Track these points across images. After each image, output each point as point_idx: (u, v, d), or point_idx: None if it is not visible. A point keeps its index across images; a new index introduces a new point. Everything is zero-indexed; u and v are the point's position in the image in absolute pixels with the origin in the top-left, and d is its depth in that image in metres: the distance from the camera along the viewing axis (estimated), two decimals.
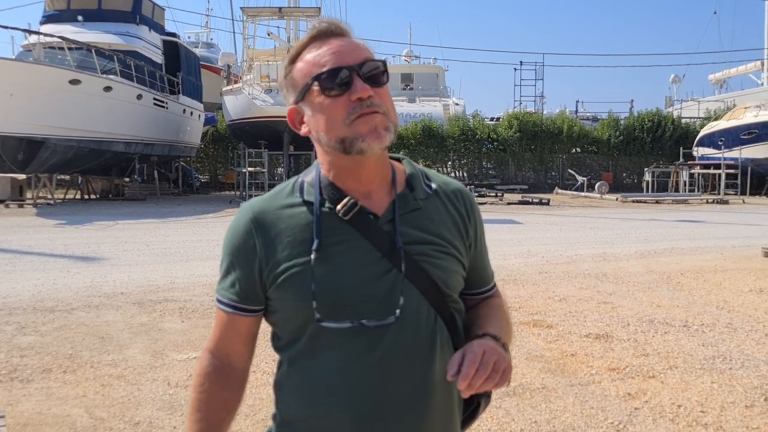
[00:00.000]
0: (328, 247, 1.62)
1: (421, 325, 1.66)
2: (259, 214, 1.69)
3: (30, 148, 22.31)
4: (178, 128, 31.72)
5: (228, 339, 1.75)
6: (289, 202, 1.69)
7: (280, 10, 29.88)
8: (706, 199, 30.00)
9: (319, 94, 1.62)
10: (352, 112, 1.59)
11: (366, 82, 1.60)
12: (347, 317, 1.61)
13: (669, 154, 37.50)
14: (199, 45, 55.34)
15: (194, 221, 20.10)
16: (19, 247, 13.78)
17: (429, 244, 1.69)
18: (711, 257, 12.90)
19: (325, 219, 1.65)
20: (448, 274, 1.72)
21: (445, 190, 1.80)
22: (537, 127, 37.84)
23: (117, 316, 8.01)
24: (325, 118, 1.62)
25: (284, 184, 1.76)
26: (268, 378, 5.62)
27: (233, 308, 1.71)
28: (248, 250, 1.67)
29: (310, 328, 1.63)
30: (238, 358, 1.76)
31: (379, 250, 1.64)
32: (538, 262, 12.15)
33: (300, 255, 1.62)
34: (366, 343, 1.61)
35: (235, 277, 1.70)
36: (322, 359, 1.64)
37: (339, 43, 1.65)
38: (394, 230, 1.66)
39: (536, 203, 27.08)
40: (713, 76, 56.63)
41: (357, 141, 1.59)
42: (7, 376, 5.88)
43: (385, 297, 1.63)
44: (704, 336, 7.30)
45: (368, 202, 1.68)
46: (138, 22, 29.77)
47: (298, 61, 1.68)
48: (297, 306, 1.63)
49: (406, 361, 1.64)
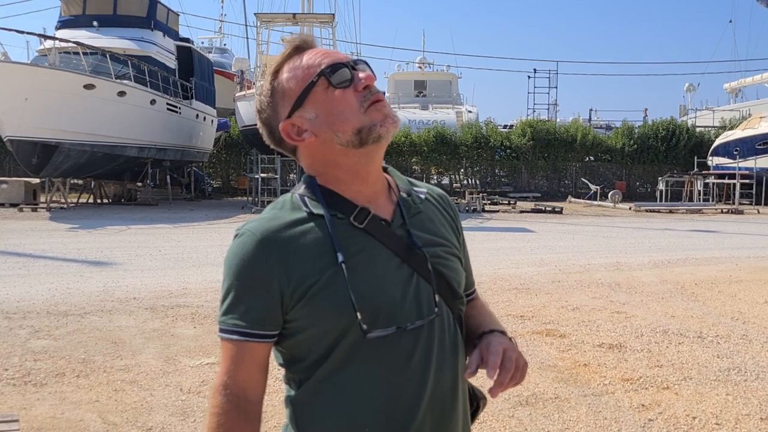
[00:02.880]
0: (350, 257, 1.59)
1: (446, 327, 1.68)
2: (269, 234, 1.61)
3: (44, 153, 22.40)
4: (191, 133, 31.80)
5: (243, 369, 1.63)
6: (296, 218, 1.63)
7: (294, 17, 29.90)
8: (720, 209, 29.83)
9: (326, 88, 1.62)
10: (364, 100, 1.61)
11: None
12: (390, 323, 1.59)
13: (683, 163, 37.31)
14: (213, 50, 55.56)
15: (206, 227, 20.15)
16: (32, 251, 13.84)
17: (438, 245, 1.71)
18: (726, 267, 12.84)
19: (340, 229, 1.62)
20: (458, 274, 1.75)
21: (432, 194, 1.83)
22: (550, 135, 37.71)
23: (130, 321, 8.03)
24: (340, 111, 1.62)
25: (279, 202, 1.70)
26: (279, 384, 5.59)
27: (247, 336, 1.61)
28: (263, 273, 1.59)
29: (345, 341, 1.59)
30: (256, 389, 1.65)
31: (398, 255, 1.64)
32: (551, 271, 12.11)
33: (326, 268, 1.58)
34: (404, 349, 1.61)
35: (249, 304, 1.60)
36: (360, 371, 1.60)
37: (319, 49, 1.67)
38: (407, 234, 1.67)
39: (549, 211, 26.98)
40: (728, 85, 56.35)
41: (375, 127, 1.60)
42: (21, 380, 5.90)
43: (415, 300, 1.63)
44: (719, 347, 7.26)
45: (374, 208, 1.67)
46: (152, 27, 29.90)
47: (282, 74, 1.67)
48: (333, 319, 1.58)
49: (438, 366, 1.64)
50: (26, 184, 24.97)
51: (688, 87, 55.71)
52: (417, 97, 45.79)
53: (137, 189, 30.00)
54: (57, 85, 21.66)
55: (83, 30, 28.05)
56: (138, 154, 26.87)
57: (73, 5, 29.93)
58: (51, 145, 22.34)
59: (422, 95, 46.43)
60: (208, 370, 6.22)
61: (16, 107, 20.86)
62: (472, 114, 44.40)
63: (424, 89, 47.49)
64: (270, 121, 1.70)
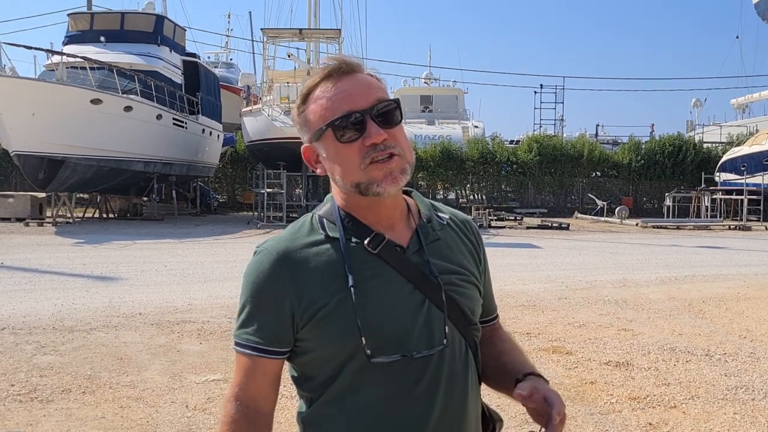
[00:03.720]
0: (362, 281, 1.61)
1: (456, 355, 1.68)
2: (285, 253, 1.65)
3: (51, 167, 22.50)
4: (197, 148, 31.88)
5: (255, 383, 1.67)
6: (313, 240, 1.67)
7: (301, 32, 29.97)
8: (728, 225, 29.74)
9: (334, 140, 1.62)
10: (366, 156, 1.59)
11: (379, 124, 1.60)
12: (396, 350, 1.60)
13: (690, 179, 37.23)
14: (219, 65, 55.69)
15: (212, 242, 20.14)
16: (38, 266, 13.85)
17: (454, 273, 1.71)
18: (733, 285, 12.78)
19: (354, 254, 1.64)
20: (473, 302, 1.74)
21: (455, 220, 1.83)
22: (557, 150, 37.67)
23: (135, 337, 8.02)
24: (340, 163, 1.63)
25: (299, 222, 1.74)
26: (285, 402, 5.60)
27: (259, 351, 1.65)
28: (277, 291, 1.63)
29: (352, 365, 1.61)
30: (266, 402, 1.70)
31: (411, 282, 1.65)
32: (558, 288, 12.08)
33: (336, 292, 1.61)
34: (411, 376, 1.61)
35: (262, 320, 1.64)
36: (366, 395, 1.62)
37: (350, 83, 1.63)
38: (423, 261, 1.68)
39: (556, 227, 26.93)
40: (735, 100, 56.36)
41: (372, 186, 1.60)
42: (27, 396, 5.90)
43: (426, 328, 1.63)
44: (727, 365, 7.22)
45: (391, 234, 1.69)
46: (159, 42, 30.05)
47: (309, 101, 1.67)
48: (341, 343, 1.60)
49: (447, 392, 1.64)
50: (32, 198, 25.04)
51: (695, 102, 55.66)
52: (423, 112, 45.85)
53: (143, 204, 30.04)
54: (64, 100, 21.77)
55: (90, 45, 28.22)
56: (144, 169, 26.95)
57: (80, 21, 30.15)
58: (57, 160, 22.43)
59: (428, 110, 46.49)
60: (213, 387, 6.20)
61: (24, 122, 20.96)
62: (479, 129, 44.38)
63: (431, 104, 47.56)
64: (300, 134, 1.73)
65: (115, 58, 27.13)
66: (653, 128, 55.28)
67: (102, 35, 29.01)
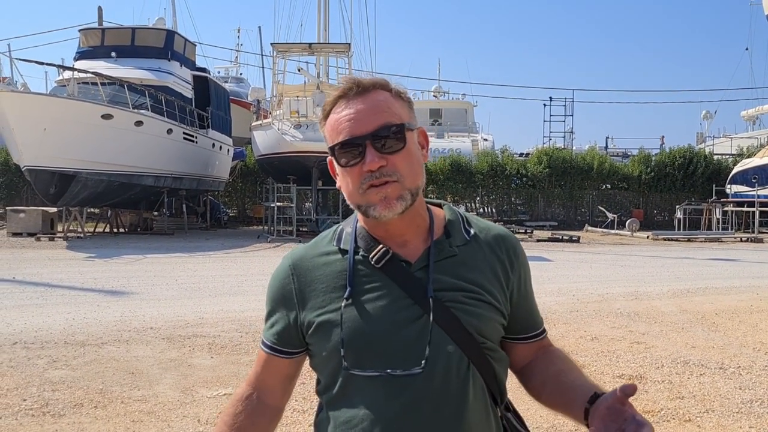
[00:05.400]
0: (359, 294, 1.67)
1: (452, 373, 1.65)
2: (298, 261, 1.77)
3: (62, 182, 22.58)
4: (207, 162, 31.97)
5: (263, 376, 1.83)
6: (326, 250, 1.77)
7: (310, 46, 30.10)
8: (739, 238, 29.62)
9: (336, 163, 1.68)
10: (364, 182, 1.64)
11: (381, 150, 1.62)
12: (373, 366, 1.64)
13: (701, 191, 37.14)
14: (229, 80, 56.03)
15: (222, 256, 20.16)
16: (50, 280, 13.88)
17: (463, 291, 1.70)
18: (746, 297, 12.71)
19: (359, 267, 1.70)
20: (482, 321, 1.70)
21: (485, 236, 1.81)
22: (567, 163, 37.63)
23: (147, 351, 8.01)
24: (344, 185, 1.69)
25: (327, 231, 1.83)
26: (297, 416, 5.59)
27: (271, 350, 1.80)
28: (285, 296, 1.76)
29: (341, 374, 1.67)
30: (271, 395, 1.84)
31: (410, 297, 1.66)
32: (569, 301, 12.03)
33: (333, 302, 1.68)
34: (392, 390, 1.63)
35: (274, 321, 1.79)
36: (353, 404, 1.67)
37: (359, 106, 1.65)
38: (428, 277, 1.68)
39: (566, 240, 26.87)
40: (746, 112, 56.24)
41: (369, 209, 1.65)
42: (39, 410, 5.89)
43: (412, 345, 1.64)
44: (741, 378, 7.16)
45: (403, 249, 1.72)
46: (170, 58, 30.19)
47: (327, 119, 1.71)
48: (328, 353, 1.68)
49: (434, 409, 1.63)
50: (43, 213, 25.12)
51: (705, 114, 55.62)
52: (432, 125, 45.92)
53: (153, 218, 30.11)
54: (75, 115, 21.87)
55: (101, 61, 28.40)
56: (154, 183, 27.03)
57: (91, 36, 30.32)
58: (69, 175, 22.52)
59: (438, 124, 46.56)
60: (225, 401, 6.18)
61: (35, 137, 21.06)
62: (488, 142, 44.40)
63: (440, 118, 47.63)
64: None
65: (125, 73, 27.27)
66: (663, 140, 55.24)
67: (113, 51, 29.20)
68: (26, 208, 26.14)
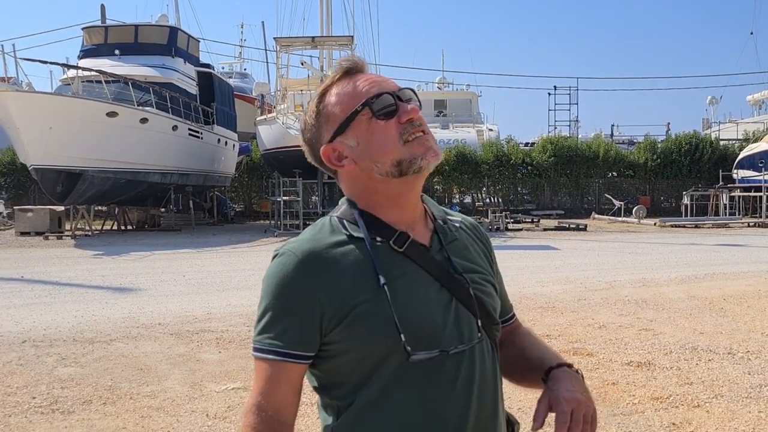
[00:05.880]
0: (392, 280, 1.60)
1: (485, 353, 1.68)
2: (309, 255, 1.61)
3: (68, 181, 22.64)
4: (213, 158, 31.98)
5: (278, 390, 1.59)
6: (336, 241, 1.64)
7: (313, 40, 30.02)
8: (747, 223, 29.53)
9: (370, 118, 1.63)
10: (404, 132, 1.62)
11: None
12: (433, 346, 1.59)
13: (707, 177, 36.97)
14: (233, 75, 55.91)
15: (229, 251, 20.19)
16: (58, 278, 13.93)
17: (475, 272, 1.72)
18: (754, 282, 12.68)
19: (380, 253, 1.63)
20: (495, 301, 1.75)
21: (465, 223, 1.85)
22: (572, 151, 37.52)
23: (155, 347, 8.04)
24: (380, 142, 1.63)
25: (318, 225, 1.71)
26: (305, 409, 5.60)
27: (284, 356, 1.58)
28: (304, 293, 1.58)
29: (389, 364, 1.58)
30: (288, 411, 1.62)
31: (437, 280, 1.65)
32: (577, 289, 12.02)
33: (366, 291, 1.58)
34: (449, 373, 1.60)
35: (287, 324, 1.59)
36: (403, 397, 1.59)
37: (369, 75, 1.68)
38: (446, 259, 1.68)
39: (573, 229, 26.81)
40: (751, 97, 55.90)
41: (416, 160, 1.62)
42: (48, 408, 5.92)
43: (456, 326, 1.63)
44: (750, 363, 7.15)
45: (413, 233, 1.68)
46: (173, 54, 30.16)
47: (329, 96, 1.67)
48: (376, 342, 1.57)
49: (480, 390, 1.64)
50: (51, 212, 25.16)
51: (710, 100, 55.31)
52: (437, 116, 45.75)
53: (160, 215, 30.15)
54: (80, 114, 21.91)
55: (105, 59, 28.38)
56: (161, 180, 27.05)
57: (95, 35, 30.32)
58: (75, 173, 22.57)
59: (442, 115, 46.40)
60: (234, 396, 6.20)
61: (41, 136, 21.11)
62: (493, 132, 44.31)
63: (445, 108, 47.47)
64: (313, 141, 1.72)
65: (129, 70, 27.27)
66: (669, 127, 55.04)
67: (116, 48, 29.18)
68: (34, 207, 26.20)
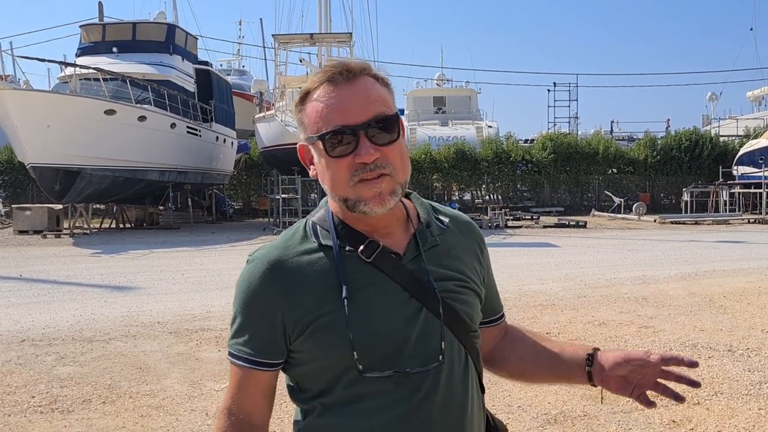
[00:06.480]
0: (356, 291, 1.56)
1: (455, 364, 1.63)
2: (276, 263, 1.60)
3: (66, 179, 22.60)
4: (211, 156, 31.95)
5: (248, 395, 1.64)
6: (306, 248, 1.63)
7: (312, 37, 29.98)
8: (747, 219, 29.54)
9: (323, 153, 1.56)
10: (356, 174, 1.53)
11: (374, 141, 1.53)
12: (390, 365, 1.56)
13: (707, 174, 36.97)
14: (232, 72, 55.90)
15: (228, 249, 20.17)
16: (57, 277, 13.91)
17: (452, 280, 1.67)
18: (754, 279, 12.67)
19: (348, 262, 1.59)
20: (472, 308, 1.70)
21: (456, 222, 1.79)
22: (572, 148, 37.50)
23: (154, 346, 8.02)
24: (330, 176, 1.57)
25: (293, 229, 1.69)
26: None
27: (252, 363, 1.61)
28: (268, 302, 1.59)
29: (347, 378, 1.57)
30: (259, 415, 1.67)
31: (406, 290, 1.60)
32: (577, 286, 12.00)
33: (328, 303, 1.56)
34: (407, 389, 1.57)
35: (253, 331, 1.61)
36: (363, 406, 1.58)
37: (349, 93, 1.55)
38: (420, 268, 1.63)
39: (573, 226, 26.82)
40: (751, 93, 55.93)
41: (359, 204, 1.55)
42: (48, 407, 5.91)
43: (421, 340, 1.59)
44: (750, 361, 7.14)
45: (387, 240, 1.64)
46: (171, 52, 30.14)
47: (308, 102, 1.61)
48: (334, 357, 1.57)
49: (445, 403, 1.60)
50: (49, 210, 25.14)
51: (710, 96, 55.31)
52: (436, 113, 45.77)
53: (159, 213, 30.12)
54: (78, 112, 21.87)
55: (103, 56, 28.36)
56: (159, 178, 27.03)
57: (92, 32, 30.31)
58: (73, 171, 22.54)
59: (442, 112, 46.39)
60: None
61: (39, 135, 21.07)
62: (493, 129, 44.25)
63: (444, 105, 47.44)
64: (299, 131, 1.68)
65: (127, 68, 27.26)
66: (669, 123, 55.02)
67: (114, 46, 29.17)
68: (32, 206, 26.16)
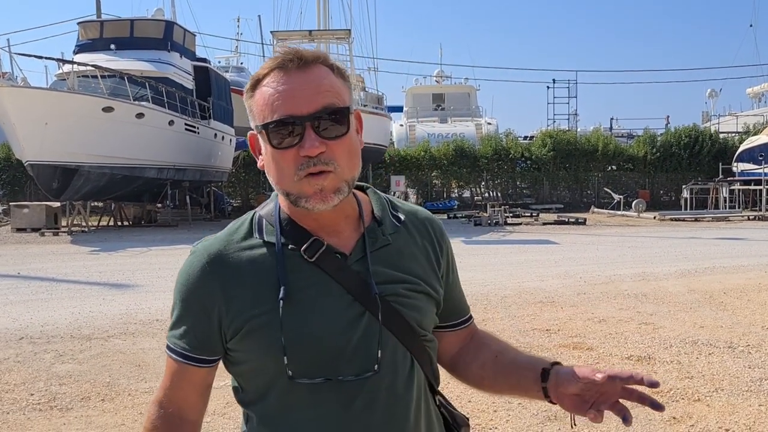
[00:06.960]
0: (295, 292, 1.50)
1: (399, 372, 1.56)
2: (216, 257, 1.55)
3: (64, 176, 22.54)
4: (210, 153, 31.88)
5: (180, 390, 1.59)
6: (249, 244, 1.56)
7: (310, 33, 30.01)
8: (747, 216, 29.52)
9: (268, 143, 1.49)
10: (302, 168, 1.45)
11: (321, 134, 1.46)
12: (321, 372, 1.50)
13: (707, 170, 36.98)
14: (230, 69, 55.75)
15: None
16: (55, 275, 13.88)
17: (401, 282, 1.59)
18: (754, 275, 12.65)
19: (290, 261, 1.52)
20: (422, 313, 1.61)
21: (413, 220, 1.70)
22: (571, 145, 37.54)
23: (153, 343, 8.00)
24: (274, 168, 1.50)
25: (239, 221, 1.63)
26: None
27: (186, 358, 1.56)
28: (205, 298, 1.54)
29: (280, 383, 1.51)
30: (191, 410, 1.61)
31: (350, 293, 1.52)
32: (576, 283, 11.99)
33: (264, 303, 1.49)
34: (342, 397, 1.51)
35: (189, 326, 1.56)
36: (297, 416, 1.52)
37: (299, 81, 1.47)
38: (365, 270, 1.55)
39: (572, 223, 26.80)
40: (751, 89, 55.95)
41: (301, 200, 1.48)
42: (46, 404, 5.90)
43: (360, 346, 1.51)
44: (750, 357, 7.13)
45: (334, 239, 1.56)
46: (169, 48, 30.04)
47: (257, 89, 1.52)
48: (265, 361, 1.51)
49: (385, 411, 1.53)
50: (47, 208, 25.09)
51: (710, 93, 55.37)
52: (436, 110, 45.83)
53: (157, 210, 30.06)
54: (76, 109, 21.80)
55: (101, 53, 28.25)
56: (157, 176, 26.96)
57: (90, 29, 30.23)
58: (71, 169, 22.47)
59: (441, 108, 46.45)
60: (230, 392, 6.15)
61: (37, 132, 21.02)
62: (492, 126, 44.30)
63: (443, 102, 47.50)
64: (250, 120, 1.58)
65: (125, 65, 27.17)
66: (668, 120, 55.09)
67: (112, 43, 29.06)
68: (30, 204, 26.12)
